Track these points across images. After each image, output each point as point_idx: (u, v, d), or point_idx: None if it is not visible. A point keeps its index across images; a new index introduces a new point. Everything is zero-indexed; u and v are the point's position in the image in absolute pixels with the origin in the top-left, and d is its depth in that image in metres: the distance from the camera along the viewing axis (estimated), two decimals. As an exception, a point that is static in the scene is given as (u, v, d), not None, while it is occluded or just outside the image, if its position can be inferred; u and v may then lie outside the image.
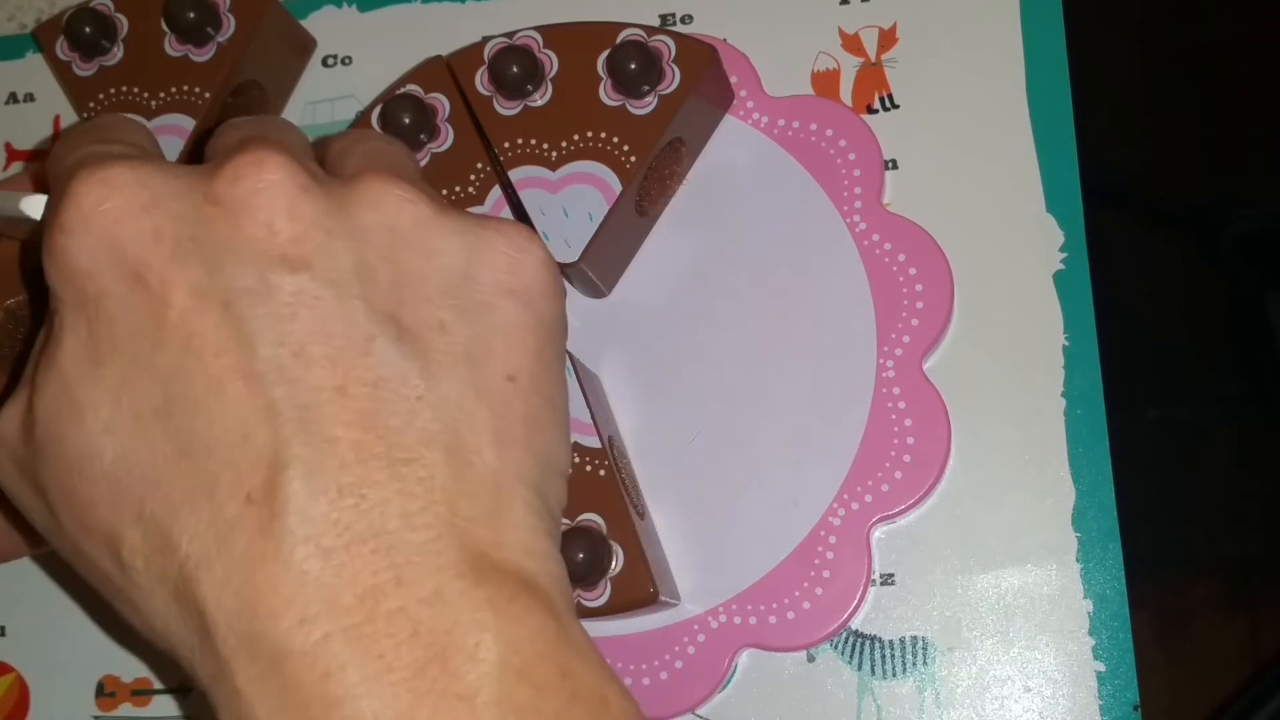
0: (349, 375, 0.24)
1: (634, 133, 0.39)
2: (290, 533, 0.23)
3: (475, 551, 0.24)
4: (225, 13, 0.42)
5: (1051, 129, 0.41)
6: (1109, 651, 0.38)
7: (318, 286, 0.24)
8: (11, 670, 0.44)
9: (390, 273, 0.25)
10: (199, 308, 0.24)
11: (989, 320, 0.40)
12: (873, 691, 0.39)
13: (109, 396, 0.24)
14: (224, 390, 0.24)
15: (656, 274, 0.42)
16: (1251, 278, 0.90)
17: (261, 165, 0.25)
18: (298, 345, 0.24)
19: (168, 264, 0.24)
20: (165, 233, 0.25)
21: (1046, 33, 0.42)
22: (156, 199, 0.25)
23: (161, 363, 0.24)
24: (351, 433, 0.24)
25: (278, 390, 0.24)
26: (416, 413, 0.24)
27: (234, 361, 0.24)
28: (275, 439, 0.23)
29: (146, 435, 0.24)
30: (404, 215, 0.26)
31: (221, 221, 0.25)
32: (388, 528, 0.23)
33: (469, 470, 0.24)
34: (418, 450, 0.24)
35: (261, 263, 0.24)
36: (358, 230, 0.25)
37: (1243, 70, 0.91)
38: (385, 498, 0.23)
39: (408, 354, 0.25)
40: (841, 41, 0.43)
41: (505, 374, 0.26)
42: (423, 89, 0.41)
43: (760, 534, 0.40)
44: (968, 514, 0.40)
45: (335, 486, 0.23)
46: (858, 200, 0.41)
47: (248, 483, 0.23)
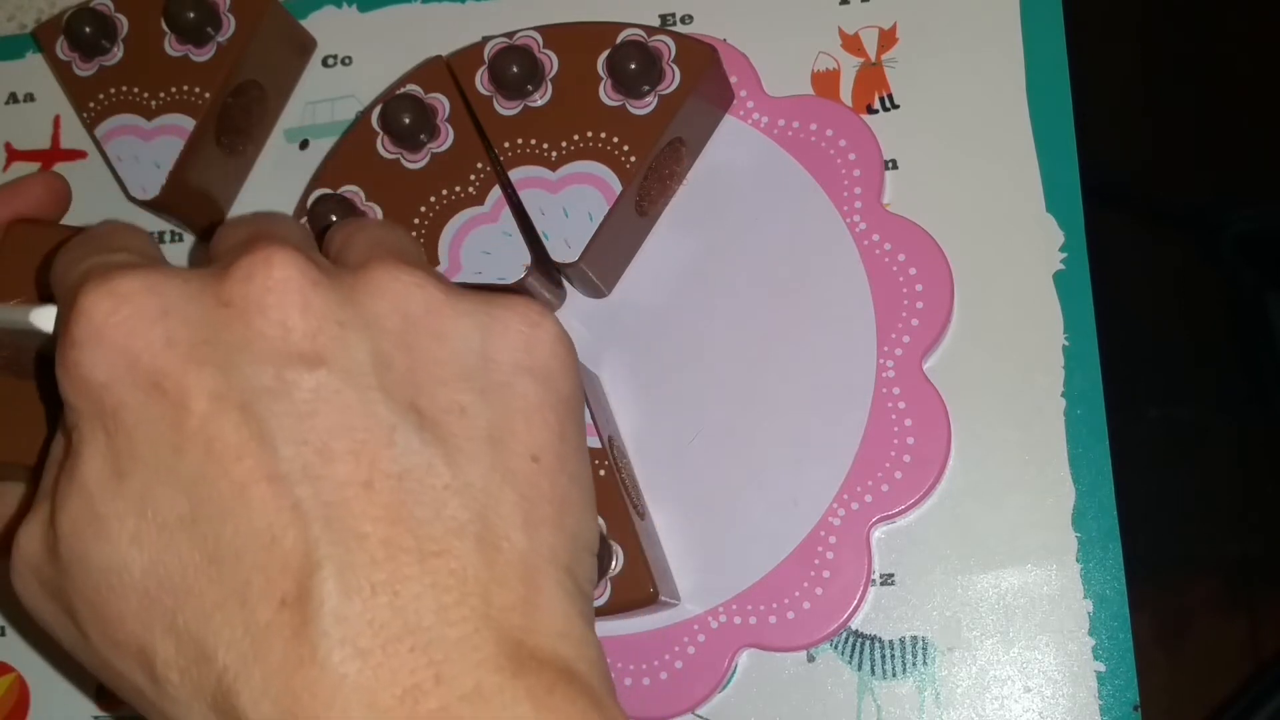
0: (374, 469, 0.24)
1: (634, 133, 0.39)
2: (326, 635, 0.22)
3: (512, 641, 0.23)
4: (225, 13, 0.42)
5: (1051, 129, 0.41)
6: (1109, 651, 0.38)
7: (336, 380, 0.24)
8: (11, 670, 0.44)
9: (406, 360, 0.25)
10: (218, 411, 0.24)
11: (989, 320, 0.40)
12: (873, 691, 0.39)
13: (133, 508, 0.24)
14: (249, 494, 0.23)
15: (656, 274, 0.42)
16: (1251, 278, 0.90)
17: (270, 263, 0.25)
18: (320, 442, 0.24)
19: (184, 370, 0.24)
20: (179, 338, 0.24)
21: (1046, 33, 0.42)
22: (167, 306, 0.25)
23: (184, 470, 0.24)
24: (380, 528, 0.23)
25: (303, 489, 0.23)
26: (444, 502, 0.24)
27: (256, 463, 0.24)
28: (304, 539, 0.23)
29: (174, 544, 0.24)
30: (415, 301, 0.26)
31: (235, 322, 0.25)
32: (423, 624, 0.23)
33: (500, 556, 0.24)
34: (448, 541, 0.24)
35: (278, 361, 0.24)
36: (370, 320, 0.25)
37: (1243, 70, 0.91)
38: (419, 593, 0.23)
39: (430, 442, 0.25)
40: (841, 41, 0.43)
41: (529, 454, 0.26)
42: (423, 89, 0.41)
43: (760, 534, 0.40)
44: (968, 514, 0.40)
45: (368, 585, 0.23)
46: (858, 200, 0.41)
47: (280, 586, 0.23)
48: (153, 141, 0.42)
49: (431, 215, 0.40)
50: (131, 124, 0.42)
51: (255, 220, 0.29)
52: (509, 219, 0.40)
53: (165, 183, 0.42)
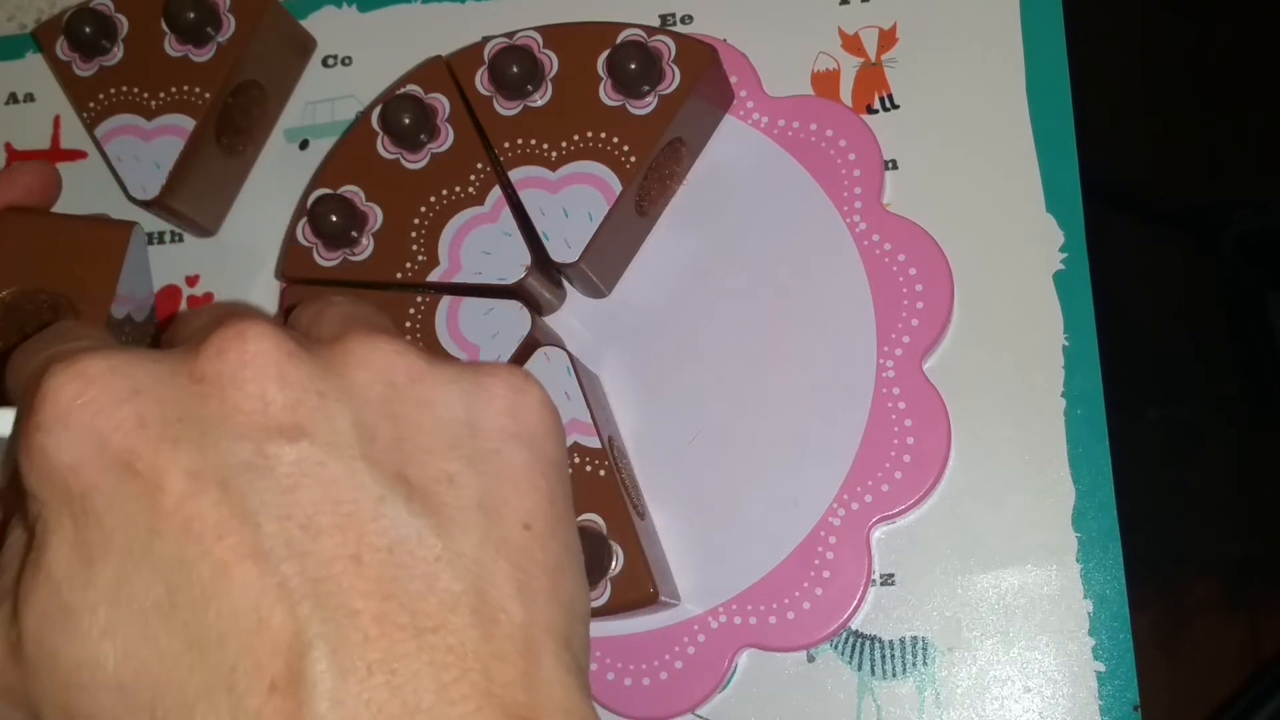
0: (362, 542, 0.23)
1: (634, 133, 0.39)
2: (322, 719, 0.21)
3: (516, 718, 0.22)
4: (225, 13, 0.42)
5: (1051, 129, 0.41)
6: (1109, 651, 0.38)
7: (319, 453, 0.23)
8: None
9: (391, 429, 0.24)
10: (195, 490, 0.23)
11: (989, 320, 0.40)
12: (873, 691, 0.39)
13: (105, 596, 0.23)
14: (231, 574, 0.22)
15: (656, 274, 0.42)
16: (1251, 278, 0.90)
17: (244, 336, 0.24)
18: (305, 517, 0.23)
19: (157, 448, 0.23)
20: (150, 417, 0.23)
21: (1046, 33, 0.42)
22: (137, 385, 0.24)
23: (161, 553, 0.23)
24: (372, 604, 0.22)
25: (289, 567, 0.22)
26: (437, 575, 0.23)
27: (239, 541, 0.22)
28: (293, 618, 0.22)
29: (151, 633, 0.22)
30: (397, 369, 0.25)
31: (210, 399, 0.24)
32: (423, 704, 0.22)
33: (497, 630, 0.23)
34: (443, 615, 0.23)
35: (257, 435, 0.23)
36: (352, 389, 0.24)
37: (1243, 70, 0.91)
38: (417, 671, 0.22)
39: (419, 512, 0.24)
40: (841, 41, 0.43)
41: (522, 522, 0.25)
42: (423, 89, 0.41)
43: (760, 534, 0.40)
44: (968, 514, 0.40)
45: (364, 664, 0.22)
46: (858, 200, 0.41)
47: (269, 670, 0.22)
48: (153, 141, 0.42)
49: (431, 215, 0.40)
50: (131, 124, 0.42)
51: (215, 307, 0.28)
52: (509, 219, 0.40)
53: (165, 183, 0.42)
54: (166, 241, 0.46)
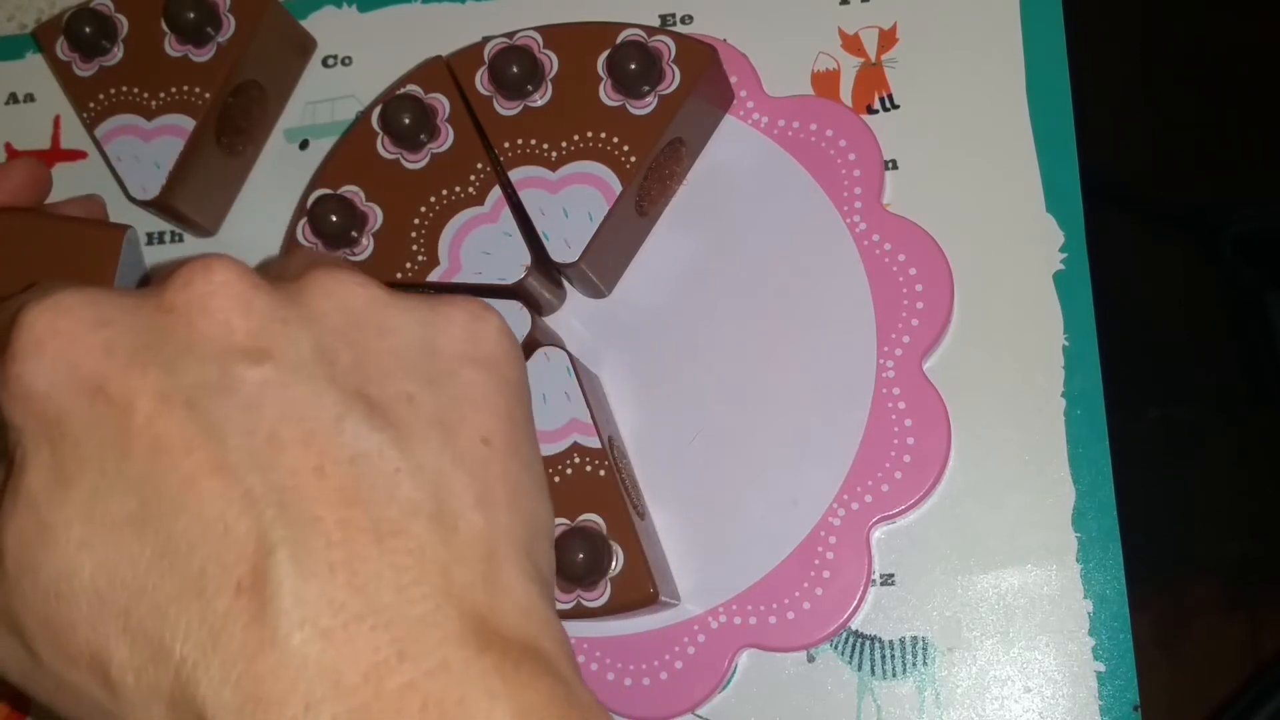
0: (324, 455, 0.24)
1: (634, 133, 0.39)
2: (285, 615, 0.22)
3: (475, 618, 0.23)
4: (225, 13, 0.42)
5: (1051, 129, 0.41)
6: (1109, 651, 0.38)
7: (281, 374, 0.24)
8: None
9: (351, 354, 0.25)
10: (163, 410, 0.24)
11: (989, 320, 0.40)
12: (873, 692, 0.39)
13: (81, 513, 0.24)
14: (198, 486, 0.23)
15: (656, 274, 0.42)
16: (1251, 278, 0.90)
17: (209, 268, 0.25)
18: (268, 431, 0.24)
19: (126, 373, 0.24)
20: (120, 345, 0.24)
21: (1046, 33, 0.42)
22: (106, 316, 0.25)
23: (131, 470, 0.24)
24: (334, 511, 0.23)
25: (253, 478, 0.23)
26: (397, 485, 0.24)
27: (205, 456, 0.23)
28: (258, 526, 0.23)
29: (123, 544, 0.24)
30: (357, 298, 0.26)
31: (177, 327, 0.25)
32: (384, 602, 0.23)
33: (457, 536, 0.24)
34: (404, 522, 0.24)
35: (222, 359, 0.24)
36: (314, 317, 0.25)
37: (1243, 70, 0.91)
38: (378, 572, 0.23)
39: (380, 427, 0.24)
40: (841, 41, 0.43)
41: (480, 437, 0.26)
42: (423, 89, 0.41)
43: (760, 534, 0.40)
44: (968, 514, 0.40)
45: (325, 566, 0.23)
46: (858, 200, 0.41)
47: (235, 574, 0.23)
48: (153, 141, 0.42)
49: (431, 215, 0.40)
50: (131, 124, 0.42)
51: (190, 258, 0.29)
52: (509, 219, 0.40)
53: (165, 183, 0.42)
54: (166, 241, 0.46)
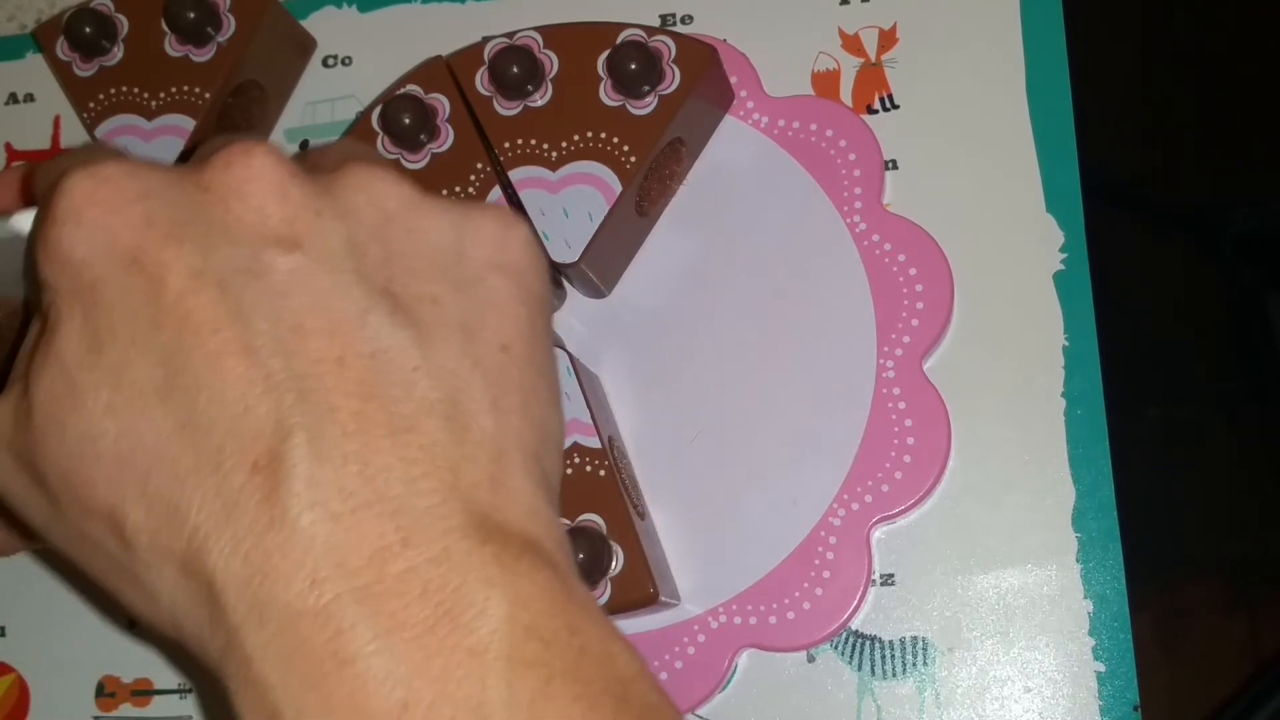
0: (346, 347, 0.24)
1: (634, 133, 0.39)
2: (297, 497, 0.23)
3: (479, 514, 0.24)
4: (225, 13, 0.42)
5: (1051, 129, 0.41)
6: (1109, 651, 0.38)
7: (311, 264, 0.25)
8: (11, 670, 0.44)
9: (381, 250, 0.26)
10: (195, 287, 0.24)
11: (989, 320, 0.40)
12: (873, 692, 0.39)
13: (109, 379, 0.25)
14: (222, 364, 0.24)
15: (656, 274, 0.42)
16: (1251, 278, 0.90)
17: (250, 153, 0.26)
18: (294, 320, 0.24)
19: (162, 247, 0.25)
20: (158, 218, 0.25)
21: (1046, 33, 0.42)
22: (148, 188, 0.25)
23: (160, 342, 0.24)
24: (352, 402, 0.24)
25: (276, 362, 0.24)
26: (414, 382, 0.25)
27: (231, 336, 0.24)
28: (277, 409, 0.24)
29: (148, 413, 0.24)
30: (391, 196, 0.27)
31: (214, 206, 0.25)
32: (392, 492, 0.23)
33: (468, 436, 0.25)
34: (418, 418, 0.24)
35: (255, 243, 0.25)
36: (347, 210, 0.26)
37: (1243, 70, 0.91)
38: (389, 464, 0.24)
39: (402, 325, 0.25)
40: (841, 42, 0.43)
41: (499, 344, 0.26)
42: (423, 89, 0.41)
43: (760, 534, 0.40)
44: (968, 514, 0.40)
45: (339, 453, 0.23)
46: (858, 200, 0.41)
47: (252, 452, 0.23)
48: (153, 141, 0.42)
49: (431, 215, 0.40)
50: (131, 124, 0.42)
51: (229, 135, 0.29)
52: (509, 219, 0.40)
53: (165, 183, 0.42)
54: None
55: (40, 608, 0.44)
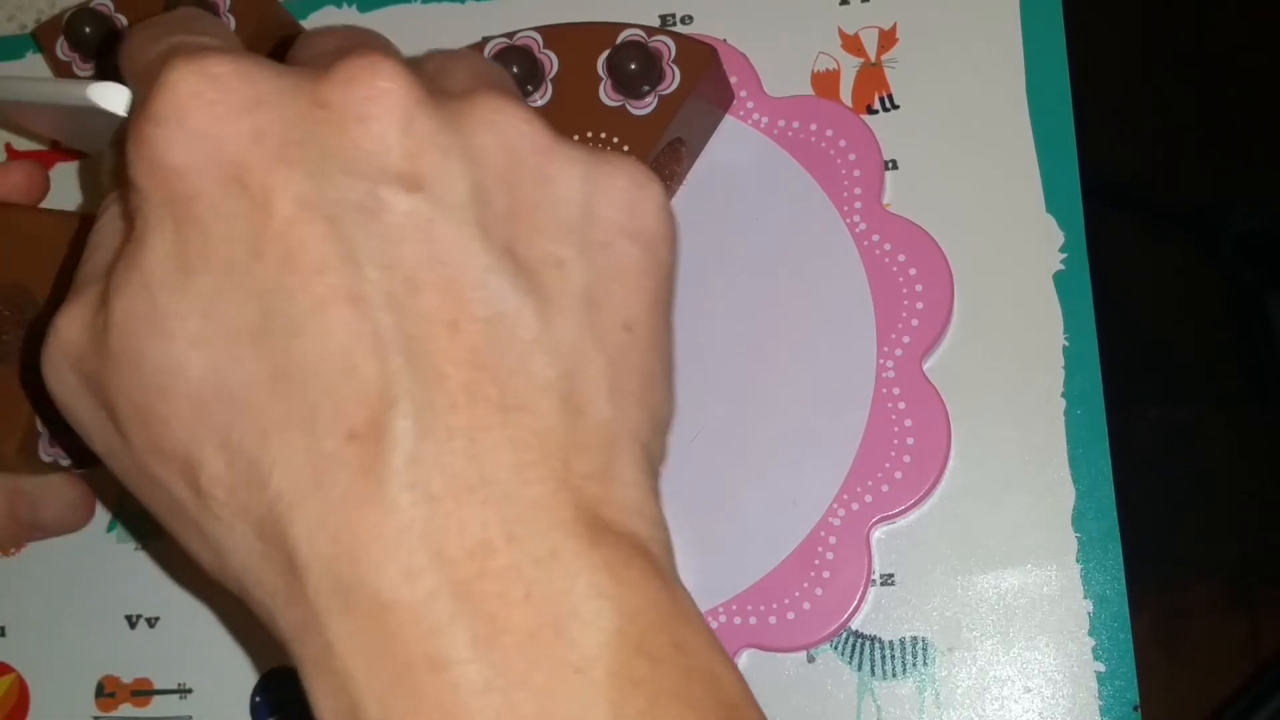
0: (462, 309, 0.22)
1: (634, 133, 0.39)
2: (396, 475, 0.21)
3: (589, 510, 0.22)
4: (225, 13, 0.42)
5: (1051, 129, 0.41)
6: (1109, 652, 0.38)
7: (431, 209, 0.22)
8: (11, 670, 0.44)
9: (507, 200, 0.23)
10: (303, 219, 0.22)
11: (989, 320, 0.40)
12: (873, 692, 0.39)
13: (198, 309, 0.22)
14: (327, 312, 0.22)
15: (656, 274, 0.42)
16: (1251, 278, 0.90)
17: (375, 71, 0.23)
18: (409, 270, 0.22)
19: (271, 168, 0.22)
20: (269, 133, 0.22)
21: (1046, 33, 0.42)
22: (260, 95, 0.23)
23: (259, 276, 0.22)
24: (462, 371, 0.22)
25: (385, 318, 0.22)
26: (531, 356, 0.22)
27: (339, 281, 0.22)
28: (383, 372, 0.21)
29: (238, 354, 0.22)
30: (523, 139, 0.24)
31: (331, 127, 0.22)
32: (498, 477, 0.21)
33: (582, 421, 0.23)
34: (532, 397, 0.22)
35: (373, 177, 0.22)
36: (475, 151, 0.23)
37: (1243, 70, 0.91)
38: (496, 444, 0.22)
39: (523, 290, 0.23)
40: (841, 42, 0.43)
41: (623, 322, 0.24)
42: (423, 89, 0.41)
43: (760, 534, 0.40)
44: (968, 514, 0.40)
45: (445, 428, 0.21)
46: (858, 200, 0.41)
47: (351, 417, 0.21)
48: (153, 141, 0.42)
49: (431, 215, 0.40)
50: (131, 124, 0.42)
51: (349, 30, 0.27)
52: (509, 219, 0.40)
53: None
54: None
55: (40, 608, 0.44)
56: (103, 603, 0.44)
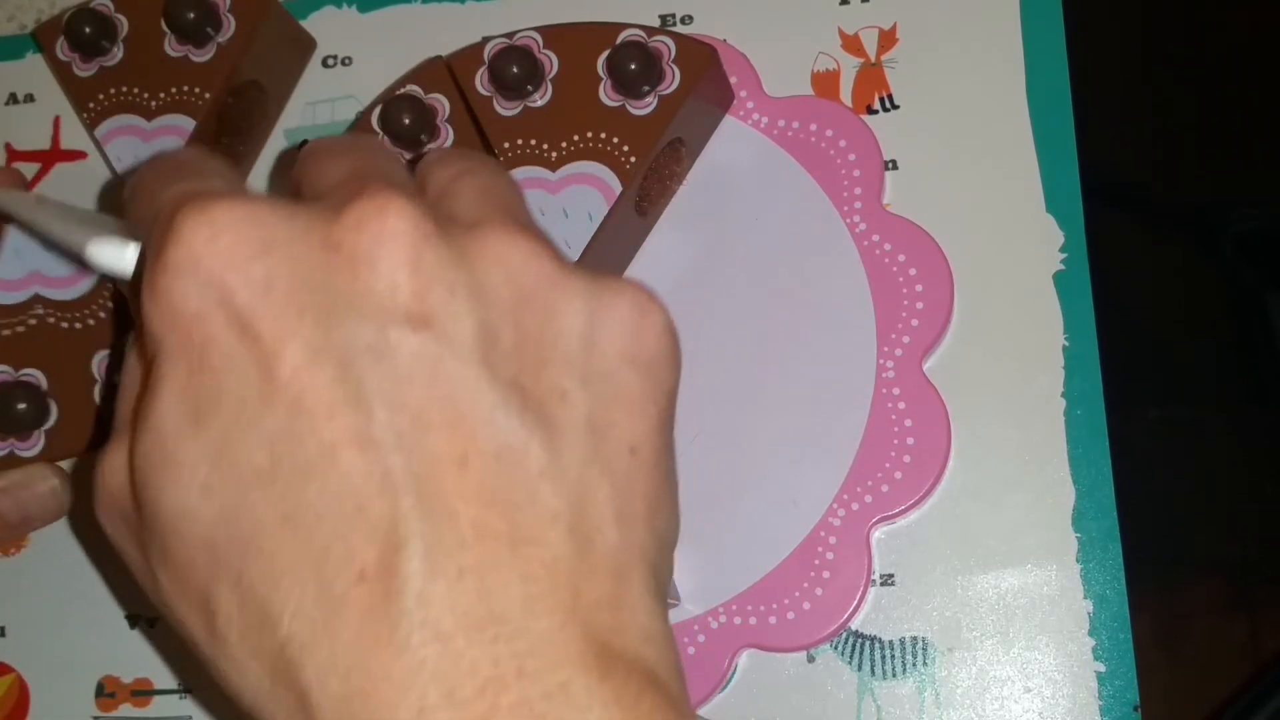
0: (470, 445, 0.22)
1: (634, 133, 0.39)
2: (407, 615, 0.21)
3: (599, 641, 0.22)
4: (225, 13, 0.42)
5: (1051, 129, 0.41)
6: (1109, 652, 0.38)
7: (439, 348, 0.23)
8: (11, 670, 0.44)
9: (513, 335, 0.24)
10: (312, 365, 0.22)
11: (989, 320, 0.40)
12: (873, 692, 0.39)
13: (209, 455, 0.23)
14: (337, 456, 0.22)
15: (656, 274, 0.42)
16: (1251, 278, 0.90)
17: (384, 211, 0.23)
18: (417, 410, 0.22)
19: (281, 315, 0.23)
20: (279, 280, 0.23)
21: (1046, 33, 0.42)
22: (270, 241, 0.23)
23: (269, 422, 0.22)
24: (472, 508, 0.22)
25: (394, 458, 0.22)
26: (539, 488, 0.23)
27: (348, 424, 0.22)
28: (393, 512, 0.22)
29: (248, 500, 0.23)
30: (529, 273, 0.24)
31: (341, 271, 0.23)
32: (508, 613, 0.22)
33: (591, 550, 0.23)
34: (540, 529, 0.23)
35: (382, 318, 0.23)
36: (482, 287, 0.24)
37: (1243, 70, 0.91)
38: (506, 580, 0.22)
39: (530, 424, 0.23)
40: (841, 42, 0.43)
41: (628, 447, 0.24)
42: (423, 89, 0.41)
43: (760, 534, 0.40)
44: (968, 514, 0.40)
45: (455, 568, 0.22)
46: (858, 200, 0.41)
47: (361, 558, 0.22)
48: (152, 142, 0.42)
49: (431, 215, 0.40)
50: (131, 124, 0.42)
51: (355, 151, 0.27)
52: (509, 219, 0.40)
53: (165, 183, 0.42)
54: (166, 242, 0.46)
55: (40, 608, 0.44)
56: (103, 603, 0.44)
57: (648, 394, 0.25)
